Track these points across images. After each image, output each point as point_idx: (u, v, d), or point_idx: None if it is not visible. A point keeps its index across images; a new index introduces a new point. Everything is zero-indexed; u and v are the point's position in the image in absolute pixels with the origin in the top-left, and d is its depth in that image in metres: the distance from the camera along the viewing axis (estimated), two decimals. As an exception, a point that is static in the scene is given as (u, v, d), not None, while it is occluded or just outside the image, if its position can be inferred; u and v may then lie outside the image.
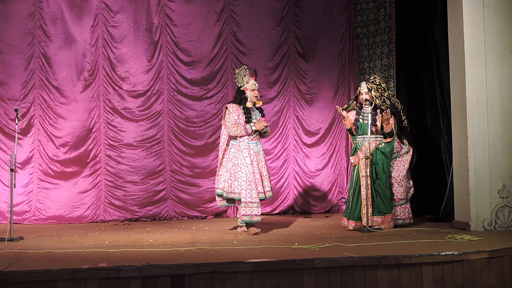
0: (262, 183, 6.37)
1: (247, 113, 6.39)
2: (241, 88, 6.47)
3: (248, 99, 6.42)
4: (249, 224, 6.37)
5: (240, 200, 6.30)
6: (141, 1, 8.19)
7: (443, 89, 7.34)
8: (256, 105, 6.49)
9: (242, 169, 6.30)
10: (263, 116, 6.54)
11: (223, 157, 6.54)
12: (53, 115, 7.93)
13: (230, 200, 6.54)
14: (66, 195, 7.86)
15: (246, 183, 6.26)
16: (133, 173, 8.07)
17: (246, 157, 6.32)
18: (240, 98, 6.47)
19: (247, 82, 6.44)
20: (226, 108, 6.49)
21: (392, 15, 8.02)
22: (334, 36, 8.87)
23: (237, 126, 6.33)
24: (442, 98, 7.39)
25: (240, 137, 6.37)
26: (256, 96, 6.44)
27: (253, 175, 6.28)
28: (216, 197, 6.65)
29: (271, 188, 6.54)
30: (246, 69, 6.50)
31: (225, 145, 6.54)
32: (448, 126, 7.22)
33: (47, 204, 7.80)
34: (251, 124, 6.34)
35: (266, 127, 6.49)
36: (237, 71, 6.58)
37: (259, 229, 6.36)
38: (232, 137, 6.45)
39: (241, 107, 6.40)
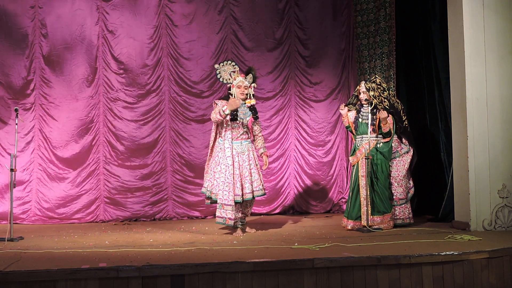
0: (242, 185, 6.21)
1: (233, 110, 6.23)
2: (228, 85, 6.41)
3: (233, 96, 6.29)
4: (244, 226, 6.40)
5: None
6: (141, 2, 8.20)
7: (441, 89, 7.34)
8: (247, 104, 6.37)
9: (222, 169, 6.20)
10: (255, 117, 6.38)
11: (210, 155, 6.47)
12: (52, 115, 7.93)
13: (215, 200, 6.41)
14: (66, 195, 7.86)
15: (224, 184, 6.15)
16: (133, 172, 8.07)
17: (228, 157, 6.19)
18: (228, 95, 6.38)
19: (235, 79, 6.33)
20: (215, 103, 6.40)
21: (392, 15, 8.02)
22: (334, 36, 8.87)
23: (216, 113, 6.17)
24: (440, 98, 7.40)
25: (219, 123, 6.24)
26: (242, 93, 6.29)
27: (233, 176, 6.15)
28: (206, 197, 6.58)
29: (261, 189, 6.34)
30: (234, 65, 6.38)
31: (213, 142, 6.44)
32: (446, 126, 7.24)
33: (47, 204, 7.81)
34: (224, 107, 6.09)
35: (252, 106, 6.22)
36: (216, 66, 6.42)
37: (242, 234, 6.29)
38: (219, 136, 6.36)
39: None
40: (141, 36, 8.19)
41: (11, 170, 5.97)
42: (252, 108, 6.39)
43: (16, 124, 6.30)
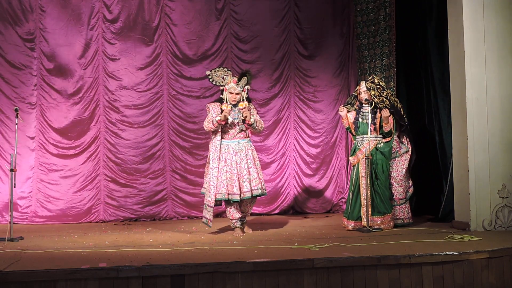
0: (239, 184, 6.19)
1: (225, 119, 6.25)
2: (221, 88, 6.39)
3: (225, 101, 6.29)
4: (244, 225, 6.38)
5: (225, 200, 6.24)
6: (141, 1, 8.20)
7: (435, 89, 7.38)
8: (239, 107, 6.29)
9: (212, 170, 6.22)
10: (243, 120, 6.32)
11: (209, 157, 6.41)
12: (52, 115, 7.94)
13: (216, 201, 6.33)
14: (66, 195, 7.86)
15: (209, 185, 6.19)
16: (133, 173, 8.07)
17: (214, 158, 6.22)
18: (220, 98, 6.40)
19: (228, 83, 6.32)
20: (207, 107, 6.41)
21: (392, 15, 8.01)
22: (334, 36, 8.87)
23: (208, 121, 6.26)
24: (434, 98, 7.43)
25: (214, 132, 6.27)
26: (233, 99, 6.26)
27: (225, 175, 6.15)
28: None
29: (260, 188, 6.26)
30: (226, 71, 6.39)
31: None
32: (439, 126, 7.27)
33: (47, 204, 7.81)
34: (214, 116, 6.18)
35: (246, 115, 6.19)
36: (208, 72, 6.42)
37: (242, 233, 6.28)
38: (214, 137, 6.35)
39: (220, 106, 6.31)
40: (141, 34, 8.19)
41: (11, 170, 5.97)
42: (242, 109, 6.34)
43: (16, 124, 6.31)
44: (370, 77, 6.89)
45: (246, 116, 6.22)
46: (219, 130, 6.29)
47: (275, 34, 8.65)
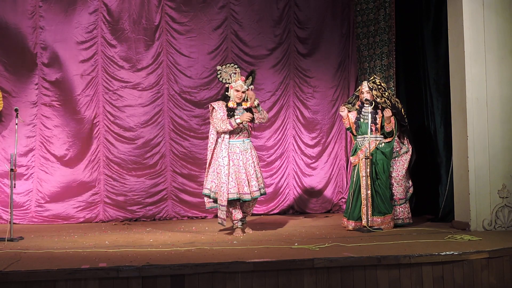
0: (249, 183, 6.20)
1: (230, 111, 6.24)
2: (227, 86, 6.36)
3: (231, 99, 6.29)
4: (244, 225, 6.37)
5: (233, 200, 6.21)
6: (142, 0, 8.20)
7: (430, 89, 7.40)
8: (243, 106, 6.31)
9: (220, 170, 6.19)
10: (252, 120, 6.34)
11: (211, 157, 6.36)
12: (52, 114, 7.94)
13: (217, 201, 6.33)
14: (66, 195, 7.86)
15: (220, 185, 6.15)
16: (133, 173, 8.06)
17: (224, 157, 6.19)
18: (224, 95, 6.39)
19: (235, 81, 6.30)
20: (212, 106, 6.36)
21: (392, 15, 8.01)
22: (334, 36, 8.87)
23: (223, 121, 6.18)
24: (430, 98, 7.44)
25: (226, 132, 6.21)
26: (239, 97, 6.26)
27: (234, 175, 6.13)
28: (205, 198, 6.46)
29: (263, 187, 6.33)
30: (235, 68, 6.37)
31: (213, 145, 6.35)
32: (435, 126, 7.29)
33: (47, 203, 7.81)
34: (235, 117, 6.17)
35: (252, 118, 6.24)
36: (218, 67, 6.40)
37: (242, 234, 6.26)
38: (219, 136, 6.33)
39: (225, 104, 6.30)
40: (141, 34, 8.20)
41: (11, 170, 5.97)
42: (248, 110, 6.34)
43: (16, 124, 6.31)
44: (372, 77, 6.89)
45: (251, 99, 6.20)
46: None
47: (275, 34, 8.66)
